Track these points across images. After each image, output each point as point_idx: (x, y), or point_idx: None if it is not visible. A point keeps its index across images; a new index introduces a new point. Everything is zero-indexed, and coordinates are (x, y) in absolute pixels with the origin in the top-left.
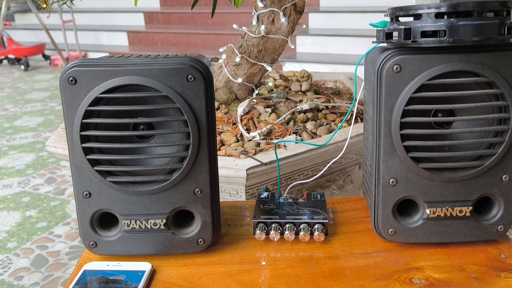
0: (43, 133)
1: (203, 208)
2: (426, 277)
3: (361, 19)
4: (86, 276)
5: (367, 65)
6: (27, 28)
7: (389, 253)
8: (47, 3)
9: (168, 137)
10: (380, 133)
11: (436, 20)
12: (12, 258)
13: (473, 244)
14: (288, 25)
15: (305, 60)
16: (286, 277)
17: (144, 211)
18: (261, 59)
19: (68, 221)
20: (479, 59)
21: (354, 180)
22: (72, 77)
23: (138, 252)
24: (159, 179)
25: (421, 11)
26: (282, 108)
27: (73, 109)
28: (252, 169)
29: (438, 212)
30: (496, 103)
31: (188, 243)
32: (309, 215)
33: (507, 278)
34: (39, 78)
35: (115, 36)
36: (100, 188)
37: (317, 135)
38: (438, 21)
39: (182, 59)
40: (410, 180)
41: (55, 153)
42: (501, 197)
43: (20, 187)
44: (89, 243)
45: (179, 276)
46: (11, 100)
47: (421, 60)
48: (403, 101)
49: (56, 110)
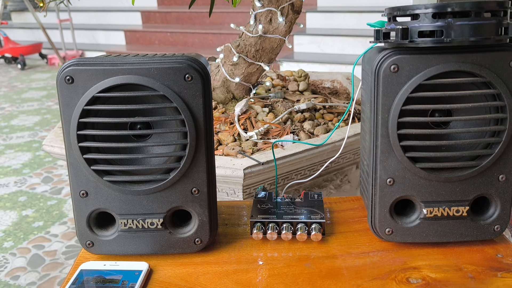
0: (39, 132)
1: (200, 208)
2: (423, 277)
3: (359, 19)
4: (83, 276)
5: (365, 65)
6: (24, 27)
7: (386, 253)
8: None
9: (165, 137)
10: (377, 133)
11: (433, 20)
12: (9, 257)
13: (470, 244)
14: (286, 25)
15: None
16: (283, 276)
17: (141, 210)
18: (259, 59)
19: (64, 221)
20: (476, 59)
21: (351, 180)
22: (69, 76)
23: (135, 252)
24: (156, 179)
25: (419, 11)
26: (279, 108)
27: (70, 108)
28: (249, 169)
29: (435, 212)
30: (493, 103)
31: (185, 243)
32: (306, 215)
33: (504, 278)
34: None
35: (112, 35)
36: (97, 188)
37: (314, 135)
38: (435, 21)
39: (180, 58)
40: (407, 180)
41: (52, 152)
42: (497, 197)
43: (16, 186)
44: (86, 243)
45: (176, 276)
46: (7, 99)
47: (418, 60)
48: (400, 101)
49: (53, 109)
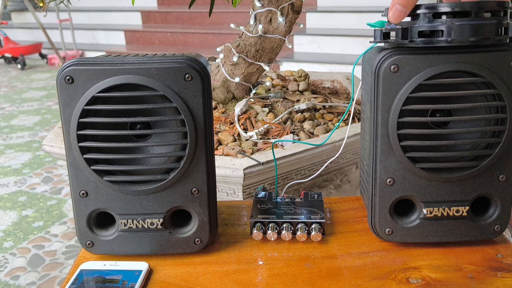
0: (39, 132)
1: (200, 208)
2: (423, 277)
3: (359, 19)
4: (83, 276)
5: (365, 65)
6: (23, 27)
7: (386, 253)
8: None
9: (165, 137)
10: (377, 133)
11: (433, 20)
12: (9, 257)
13: (470, 244)
14: (286, 25)
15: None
16: (283, 276)
17: (141, 210)
18: (259, 59)
19: (64, 221)
20: (476, 59)
21: (351, 179)
22: (69, 76)
23: (135, 252)
24: (156, 179)
25: (419, 11)
26: (279, 108)
27: (70, 108)
28: (249, 169)
29: (435, 212)
30: (493, 104)
31: (185, 243)
32: (306, 215)
33: (504, 278)
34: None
35: (112, 35)
36: (97, 188)
37: (314, 135)
38: (435, 21)
39: (180, 58)
40: (407, 180)
41: (51, 152)
42: (498, 197)
43: (16, 186)
44: (85, 243)
45: (176, 276)
46: (7, 99)
47: (418, 60)
48: (400, 101)
49: (53, 109)
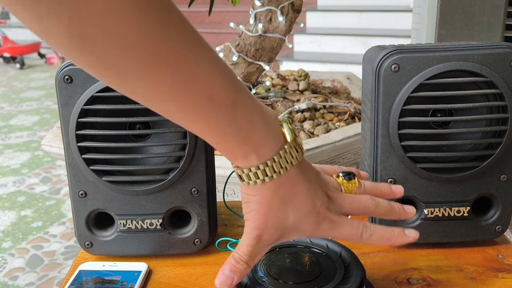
0: (38, 132)
1: (199, 208)
2: (424, 278)
3: (359, 18)
4: (82, 276)
5: (365, 64)
6: (22, 26)
7: (387, 254)
8: None
9: (164, 137)
10: (378, 133)
11: None
12: (7, 258)
13: (471, 244)
14: (286, 24)
15: (303, 59)
16: None
17: (140, 211)
18: (259, 58)
19: (63, 221)
20: (477, 59)
21: None
22: (68, 75)
23: (134, 252)
24: (156, 179)
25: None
26: (279, 108)
27: (69, 108)
28: None
29: (436, 212)
30: (494, 103)
31: (185, 243)
32: None
33: (505, 279)
34: (34, 77)
35: None
36: (96, 188)
37: (315, 135)
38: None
39: None
40: (408, 180)
41: (50, 152)
42: (499, 197)
43: (15, 186)
44: (84, 243)
45: (176, 277)
46: (6, 98)
47: (419, 59)
48: (401, 101)
49: (51, 109)
